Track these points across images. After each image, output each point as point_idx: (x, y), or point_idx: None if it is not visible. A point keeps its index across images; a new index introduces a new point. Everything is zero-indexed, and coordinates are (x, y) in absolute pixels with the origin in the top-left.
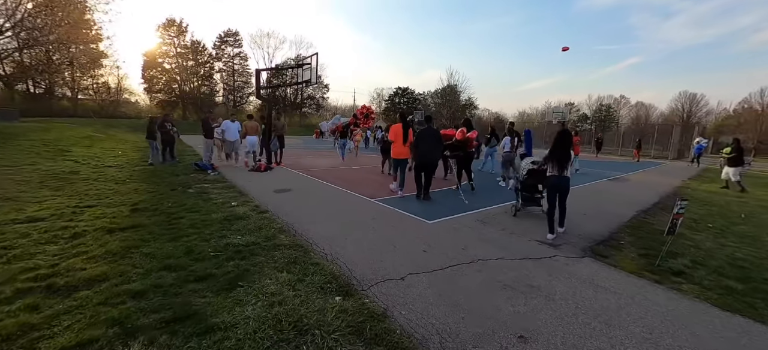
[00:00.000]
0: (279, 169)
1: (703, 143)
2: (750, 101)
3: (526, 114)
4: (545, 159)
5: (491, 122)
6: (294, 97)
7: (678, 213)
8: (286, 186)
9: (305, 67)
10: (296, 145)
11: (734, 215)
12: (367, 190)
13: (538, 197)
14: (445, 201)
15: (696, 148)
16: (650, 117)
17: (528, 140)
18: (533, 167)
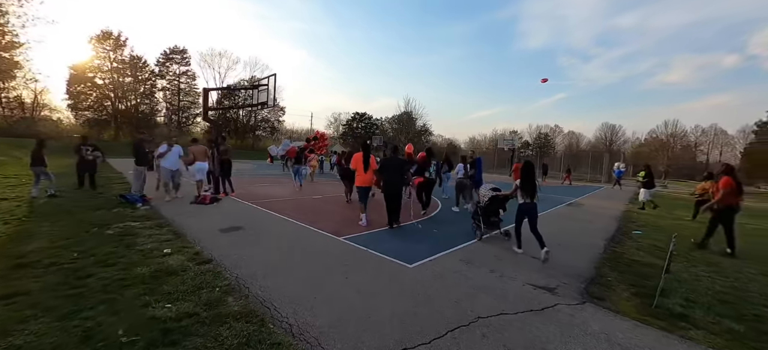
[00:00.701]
0: (227, 201)
1: (622, 168)
2: (656, 132)
3: (475, 140)
4: (516, 188)
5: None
6: (247, 119)
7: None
8: (235, 222)
9: (261, 88)
10: (249, 170)
11: (685, 239)
12: (333, 225)
13: (497, 221)
14: (419, 234)
15: (616, 173)
16: (580, 144)
17: (479, 167)
18: (495, 194)
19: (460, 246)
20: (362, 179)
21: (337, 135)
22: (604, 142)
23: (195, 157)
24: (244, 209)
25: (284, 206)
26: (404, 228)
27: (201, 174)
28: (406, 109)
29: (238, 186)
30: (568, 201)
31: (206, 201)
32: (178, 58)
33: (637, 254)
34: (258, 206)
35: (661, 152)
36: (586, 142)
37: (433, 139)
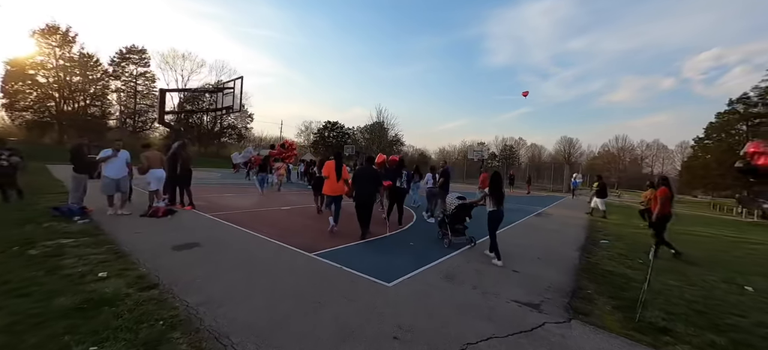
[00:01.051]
0: (185, 213)
1: (579, 179)
2: (608, 146)
3: (445, 150)
4: (484, 197)
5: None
6: (211, 125)
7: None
8: (192, 238)
9: (226, 91)
10: (212, 179)
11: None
12: (304, 240)
13: (462, 228)
14: (395, 248)
15: (573, 183)
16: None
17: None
18: (461, 202)
19: (439, 259)
20: (333, 188)
21: (308, 144)
22: (564, 155)
23: (149, 165)
24: (204, 222)
25: (249, 219)
26: (380, 242)
27: (156, 183)
28: (378, 119)
29: (198, 196)
30: (536, 211)
31: (159, 214)
32: (135, 58)
33: (609, 264)
34: (219, 219)
35: (612, 164)
36: (547, 154)
37: (405, 149)
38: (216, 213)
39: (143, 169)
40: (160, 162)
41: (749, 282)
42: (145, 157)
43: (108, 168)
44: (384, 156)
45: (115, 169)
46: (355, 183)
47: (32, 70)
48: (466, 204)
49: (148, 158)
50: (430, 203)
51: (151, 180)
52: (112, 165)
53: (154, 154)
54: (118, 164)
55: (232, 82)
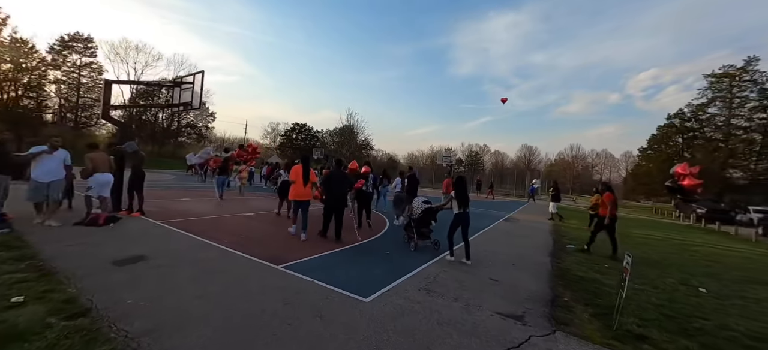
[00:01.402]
0: (131, 221)
1: (536, 185)
2: (563, 154)
3: (414, 155)
4: (450, 200)
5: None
6: (167, 123)
7: (625, 267)
8: (137, 250)
9: (185, 86)
10: (165, 181)
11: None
12: (270, 250)
13: (428, 231)
14: (370, 257)
15: (530, 189)
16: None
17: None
18: (427, 207)
19: (417, 269)
20: (300, 192)
21: (275, 146)
22: (524, 161)
23: (95, 167)
24: (153, 231)
25: (208, 226)
26: (353, 251)
27: (101, 188)
28: (347, 122)
29: (150, 201)
30: (504, 216)
31: (99, 222)
32: (79, 46)
33: (579, 269)
34: (172, 227)
35: (567, 171)
36: (509, 161)
37: (374, 153)
38: (169, 220)
39: (87, 172)
40: (107, 164)
41: (701, 283)
42: (89, 158)
43: (38, 168)
44: (357, 164)
45: (47, 170)
46: (325, 187)
47: None
48: (431, 209)
49: (93, 160)
50: (396, 208)
51: (93, 184)
52: (43, 165)
53: (101, 156)
54: (52, 164)
55: (191, 76)
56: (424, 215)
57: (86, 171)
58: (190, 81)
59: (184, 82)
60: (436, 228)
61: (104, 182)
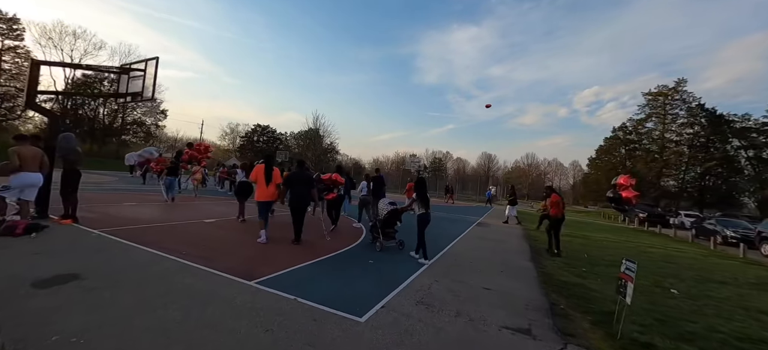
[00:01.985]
0: (58, 231)
1: (492, 191)
2: (519, 162)
3: (379, 160)
4: (413, 201)
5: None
6: (110, 119)
7: (625, 273)
8: (67, 268)
9: (135, 74)
10: (107, 184)
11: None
12: (238, 261)
13: (393, 232)
14: (353, 267)
15: (487, 194)
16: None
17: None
18: (392, 208)
19: (407, 281)
20: (264, 193)
21: (234, 147)
22: (484, 168)
23: (22, 164)
24: (90, 242)
25: (161, 235)
26: (333, 260)
27: (25, 190)
28: (313, 125)
29: (86, 205)
30: (476, 221)
31: (17, 232)
32: (2, 27)
33: (562, 274)
34: (116, 236)
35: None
36: (470, 168)
37: (340, 157)
38: (110, 228)
39: (9, 168)
40: (37, 161)
41: (671, 285)
42: (14, 152)
43: None
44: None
45: None
46: (287, 187)
47: None
48: (396, 210)
49: (21, 154)
50: (361, 211)
51: (14, 184)
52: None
53: (30, 150)
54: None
55: (142, 63)
56: (389, 216)
57: (8, 166)
58: (140, 69)
59: (134, 68)
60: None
61: (31, 183)
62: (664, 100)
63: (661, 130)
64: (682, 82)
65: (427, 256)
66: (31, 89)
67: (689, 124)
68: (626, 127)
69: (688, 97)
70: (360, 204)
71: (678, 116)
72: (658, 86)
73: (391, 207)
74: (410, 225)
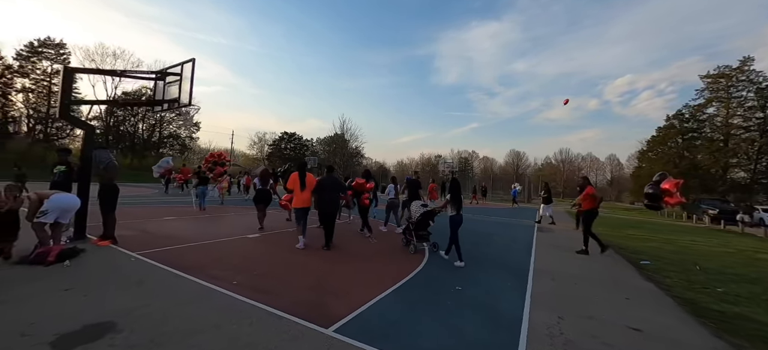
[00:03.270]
0: (95, 255)
1: (518, 188)
2: (550, 158)
3: (403, 163)
4: (446, 203)
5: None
6: (148, 133)
7: None
8: (102, 313)
9: (171, 80)
10: (146, 197)
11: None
12: (299, 293)
13: (426, 234)
14: (443, 296)
15: (513, 192)
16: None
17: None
18: (425, 209)
19: (523, 319)
20: (300, 199)
21: (263, 156)
22: (513, 167)
23: None
24: (129, 271)
25: (202, 257)
26: (412, 287)
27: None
28: (340, 130)
29: (125, 222)
30: (526, 222)
31: (49, 259)
32: (50, 53)
33: (700, 297)
34: (156, 261)
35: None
36: (498, 167)
37: (365, 161)
38: (149, 250)
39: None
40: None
41: None
42: None
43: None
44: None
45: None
46: (317, 193)
47: None
48: (430, 211)
49: None
50: (388, 213)
51: (50, 208)
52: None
53: None
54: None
55: (179, 66)
56: (422, 218)
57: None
58: (176, 73)
59: (170, 73)
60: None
61: (67, 207)
62: (726, 81)
63: (725, 115)
64: (747, 61)
65: (461, 258)
66: (65, 98)
67: (760, 107)
68: (682, 114)
69: (756, 77)
70: (387, 207)
71: (745, 99)
72: (718, 67)
73: (424, 209)
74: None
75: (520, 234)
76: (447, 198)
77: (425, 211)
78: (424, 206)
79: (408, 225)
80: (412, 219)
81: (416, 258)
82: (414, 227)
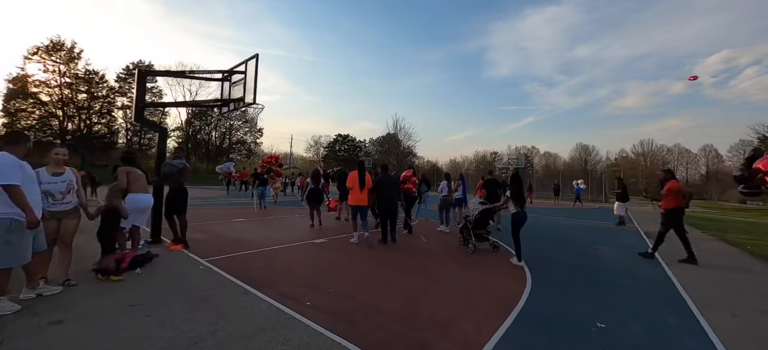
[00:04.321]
0: (165, 261)
1: (582, 186)
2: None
3: (456, 161)
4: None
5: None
6: (220, 140)
7: None
8: (167, 331)
9: (236, 80)
10: (212, 199)
11: None
12: (395, 321)
13: (486, 233)
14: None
15: (576, 190)
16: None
17: (463, 184)
18: (485, 207)
19: None
20: (358, 198)
21: (319, 158)
22: (580, 161)
23: (130, 185)
24: (196, 284)
25: (274, 267)
26: (534, 317)
27: (136, 215)
28: (394, 129)
29: (198, 224)
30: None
31: (123, 266)
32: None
33: None
34: (225, 272)
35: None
36: (562, 162)
37: (417, 161)
38: (219, 256)
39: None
40: (144, 183)
41: None
42: (123, 171)
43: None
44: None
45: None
46: (377, 191)
47: (36, 87)
48: (489, 209)
49: (129, 176)
50: (441, 212)
51: (130, 208)
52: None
53: (130, 173)
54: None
55: (242, 64)
56: (481, 216)
57: (117, 188)
58: (241, 70)
59: (235, 71)
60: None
61: (141, 206)
62: None
63: None
64: None
65: (520, 257)
66: (138, 102)
67: None
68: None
69: None
70: (440, 205)
71: None
72: None
73: (483, 207)
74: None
75: (619, 239)
76: (507, 195)
77: (484, 209)
78: (483, 203)
79: (465, 224)
80: (470, 217)
81: (506, 267)
82: (472, 225)
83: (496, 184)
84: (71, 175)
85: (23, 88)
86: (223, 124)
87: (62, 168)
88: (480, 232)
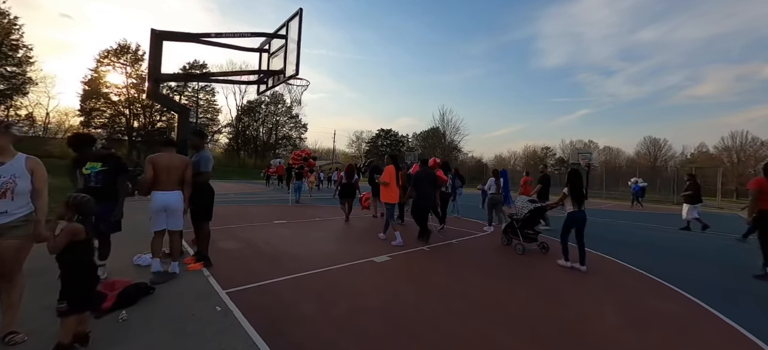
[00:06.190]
0: (172, 289)
1: (641, 184)
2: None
3: (502, 157)
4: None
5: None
6: (267, 136)
7: None
8: None
9: (275, 52)
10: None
11: None
12: None
13: (534, 233)
14: None
15: (634, 188)
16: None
17: (505, 180)
18: (535, 206)
19: None
20: (393, 194)
21: (360, 153)
22: (649, 158)
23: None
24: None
25: (334, 308)
26: None
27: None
28: (440, 123)
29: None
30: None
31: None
32: (197, 73)
33: None
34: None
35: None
36: (625, 157)
37: (461, 156)
38: (245, 286)
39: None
40: (176, 175)
41: None
42: (148, 161)
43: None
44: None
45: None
46: (416, 188)
47: (106, 88)
48: (539, 208)
49: (155, 165)
50: (490, 211)
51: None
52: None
53: (168, 160)
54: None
55: (283, 27)
56: (531, 215)
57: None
58: (282, 34)
59: (278, 35)
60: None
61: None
62: None
63: None
64: None
65: (567, 257)
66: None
67: None
68: None
69: None
70: (489, 204)
71: None
72: None
73: (533, 205)
74: None
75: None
76: (564, 192)
77: (535, 208)
78: (533, 202)
79: (511, 223)
80: (518, 215)
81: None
82: (519, 225)
83: (548, 180)
84: (16, 167)
85: (96, 89)
86: (269, 120)
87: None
88: (527, 232)
